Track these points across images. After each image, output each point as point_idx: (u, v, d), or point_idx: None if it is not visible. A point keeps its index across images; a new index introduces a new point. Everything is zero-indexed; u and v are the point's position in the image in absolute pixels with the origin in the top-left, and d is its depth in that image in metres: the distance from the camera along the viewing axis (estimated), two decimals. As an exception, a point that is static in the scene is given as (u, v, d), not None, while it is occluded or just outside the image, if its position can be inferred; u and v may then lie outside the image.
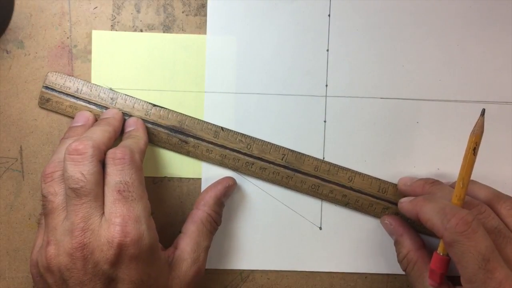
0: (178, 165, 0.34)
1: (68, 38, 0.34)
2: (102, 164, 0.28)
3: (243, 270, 0.35)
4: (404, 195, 0.33)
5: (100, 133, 0.30)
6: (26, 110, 0.34)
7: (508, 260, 0.27)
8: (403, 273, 0.34)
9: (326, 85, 0.35)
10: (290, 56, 0.34)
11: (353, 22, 0.35)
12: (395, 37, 0.35)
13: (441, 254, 0.29)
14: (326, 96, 0.35)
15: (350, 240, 0.35)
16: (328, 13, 0.35)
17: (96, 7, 0.34)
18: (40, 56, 0.34)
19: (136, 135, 0.32)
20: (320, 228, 0.35)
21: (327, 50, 0.35)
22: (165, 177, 0.35)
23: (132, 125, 0.33)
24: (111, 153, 0.29)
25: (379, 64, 0.35)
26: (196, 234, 0.31)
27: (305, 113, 0.35)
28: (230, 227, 0.35)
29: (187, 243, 0.31)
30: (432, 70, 0.35)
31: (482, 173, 0.34)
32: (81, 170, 0.27)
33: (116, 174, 0.28)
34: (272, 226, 0.35)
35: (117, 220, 0.27)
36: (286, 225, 0.35)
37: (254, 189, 0.35)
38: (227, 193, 0.33)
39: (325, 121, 0.35)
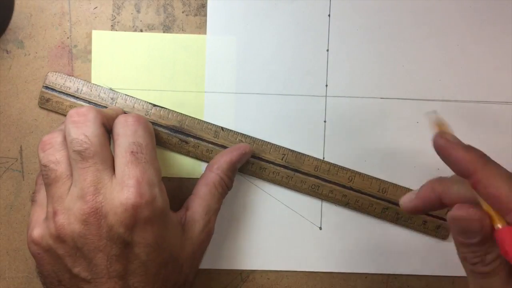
0: (178, 165, 0.34)
1: (68, 38, 0.34)
2: (107, 131, 0.28)
3: (243, 270, 0.35)
4: (412, 212, 0.27)
5: (102, 109, 0.30)
6: (26, 110, 0.34)
7: None
8: (403, 273, 0.34)
9: (326, 85, 0.35)
10: (290, 56, 0.34)
11: (353, 22, 0.35)
12: (395, 37, 0.35)
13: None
14: (326, 96, 0.35)
15: (350, 240, 0.35)
16: (328, 13, 0.35)
17: (96, 7, 0.34)
18: (40, 56, 0.34)
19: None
20: (320, 228, 0.35)
21: (327, 50, 0.35)
22: (165, 177, 0.35)
23: None
24: (123, 116, 0.28)
25: (379, 64, 0.35)
26: (208, 197, 0.31)
27: (305, 113, 0.35)
28: (230, 227, 0.35)
29: (200, 204, 0.31)
30: (432, 70, 0.35)
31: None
32: (84, 132, 0.27)
33: (129, 135, 0.28)
34: (272, 226, 0.35)
35: (131, 182, 0.26)
36: (286, 225, 0.35)
37: (254, 189, 0.35)
38: (242, 160, 0.33)
39: (325, 121, 0.35)
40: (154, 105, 0.34)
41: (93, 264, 0.26)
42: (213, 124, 0.34)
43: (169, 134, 0.34)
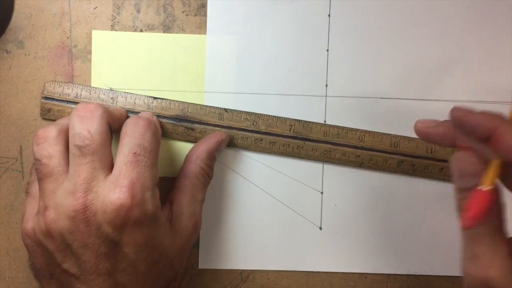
0: (178, 164, 0.34)
1: (68, 38, 0.34)
2: (110, 130, 0.28)
3: (243, 270, 0.35)
4: (422, 137, 0.27)
5: (109, 107, 0.30)
6: (26, 110, 0.34)
7: None
8: (403, 273, 0.34)
9: (326, 85, 0.35)
10: (290, 56, 0.35)
11: (353, 22, 0.35)
12: (395, 37, 0.35)
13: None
14: (326, 96, 0.35)
15: (350, 240, 0.35)
16: (328, 13, 0.35)
17: (96, 7, 0.34)
18: (40, 56, 0.34)
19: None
20: (320, 228, 0.35)
21: (327, 50, 0.35)
22: (165, 177, 0.35)
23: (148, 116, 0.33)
24: (135, 117, 0.29)
25: (379, 64, 0.35)
26: (191, 188, 0.31)
27: (305, 113, 0.35)
28: (230, 227, 0.35)
29: (183, 197, 0.31)
30: (432, 70, 0.35)
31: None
32: (89, 128, 0.27)
33: (137, 137, 0.28)
34: (272, 226, 0.35)
35: (125, 182, 0.26)
36: (286, 225, 0.35)
37: (254, 189, 0.35)
38: (219, 148, 0.33)
39: (325, 121, 0.35)
40: (155, 98, 0.34)
41: (82, 260, 0.26)
42: (216, 107, 0.34)
43: (174, 124, 0.34)
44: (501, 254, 0.23)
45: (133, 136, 0.28)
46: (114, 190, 0.26)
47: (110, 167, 0.27)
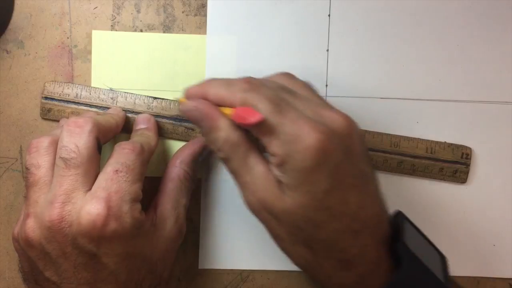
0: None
1: (68, 38, 0.34)
2: (99, 147, 0.28)
3: (243, 270, 0.35)
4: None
5: (102, 118, 0.30)
6: (26, 110, 0.34)
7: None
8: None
9: (326, 85, 0.35)
10: (290, 56, 0.34)
11: (353, 22, 0.35)
12: (395, 37, 0.35)
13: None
14: (326, 96, 0.35)
15: (350, 240, 0.35)
16: (328, 13, 0.35)
17: (96, 7, 0.34)
18: (40, 56, 0.34)
19: (148, 134, 0.32)
20: (320, 228, 0.35)
21: (327, 50, 0.35)
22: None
23: (144, 122, 0.33)
24: (121, 143, 0.29)
25: (379, 64, 0.35)
26: (174, 192, 0.31)
27: (305, 113, 0.35)
28: (230, 227, 0.35)
29: (167, 201, 0.31)
30: (432, 70, 0.35)
31: (482, 173, 0.34)
32: (76, 142, 0.27)
33: (120, 157, 0.28)
34: (272, 226, 0.35)
35: (102, 194, 0.26)
36: (286, 225, 0.35)
37: (254, 189, 0.35)
38: (203, 152, 0.33)
39: (325, 121, 0.35)
40: (155, 98, 0.34)
41: (61, 270, 0.27)
42: None
43: (174, 124, 0.34)
44: (259, 177, 0.26)
45: (117, 157, 0.28)
46: (91, 202, 0.26)
47: (93, 182, 0.27)
